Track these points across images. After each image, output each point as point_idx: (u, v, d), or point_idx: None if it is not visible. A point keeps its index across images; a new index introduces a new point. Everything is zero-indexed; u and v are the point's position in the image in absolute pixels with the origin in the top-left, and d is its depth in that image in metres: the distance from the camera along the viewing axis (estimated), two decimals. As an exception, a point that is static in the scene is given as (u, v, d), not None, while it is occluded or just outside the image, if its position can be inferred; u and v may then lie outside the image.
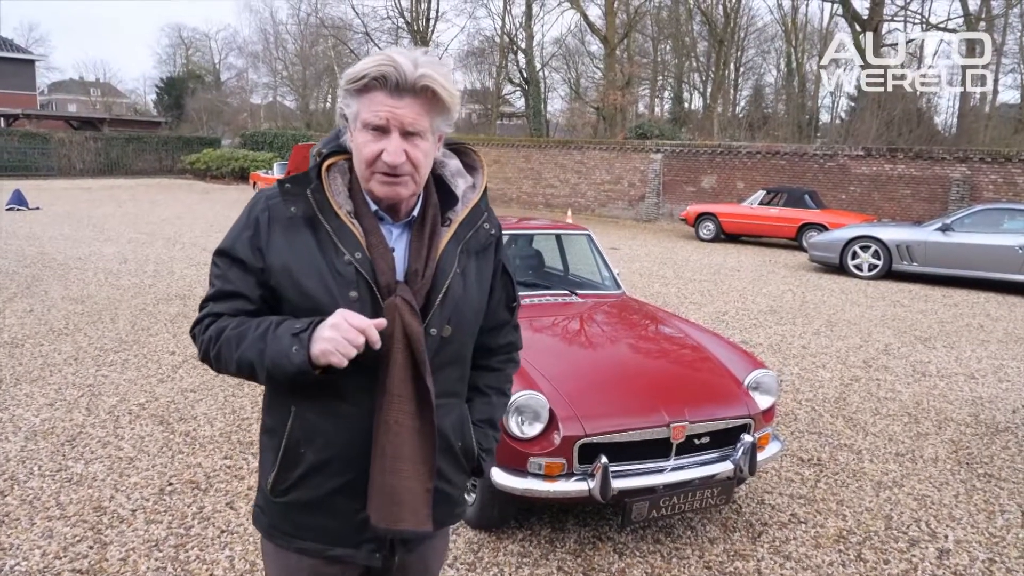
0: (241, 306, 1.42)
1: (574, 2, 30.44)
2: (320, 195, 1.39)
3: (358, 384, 1.38)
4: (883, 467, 4.28)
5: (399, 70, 1.30)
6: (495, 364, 1.68)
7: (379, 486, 1.38)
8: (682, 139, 23.27)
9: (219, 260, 1.45)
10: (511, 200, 23.98)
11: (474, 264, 1.51)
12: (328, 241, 1.37)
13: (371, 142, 1.34)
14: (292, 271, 1.37)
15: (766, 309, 8.79)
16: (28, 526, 3.32)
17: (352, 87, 1.34)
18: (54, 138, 29.54)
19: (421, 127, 1.35)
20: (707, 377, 3.44)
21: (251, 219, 1.42)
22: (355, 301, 1.35)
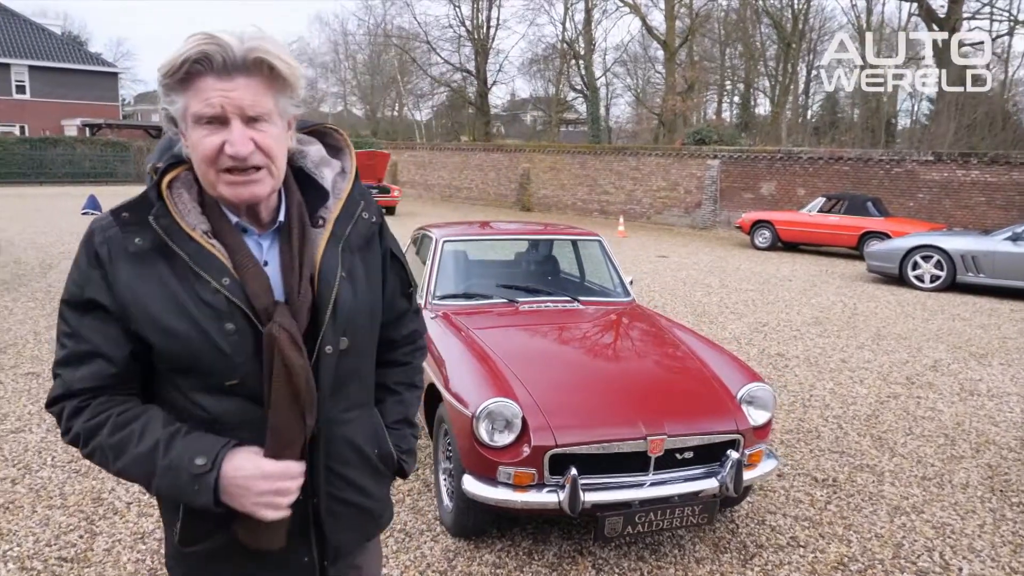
0: (100, 370, 1.22)
1: (634, 7, 30.12)
2: (166, 219, 1.20)
3: (246, 416, 1.24)
4: (904, 491, 4.01)
5: (223, 47, 1.12)
6: (401, 358, 1.56)
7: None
8: (741, 145, 22.69)
9: (67, 313, 1.23)
10: (566, 207, 23.87)
11: (359, 261, 1.35)
12: (187, 270, 1.19)
13: (208, 136, 1.15)
14: (149, 311, 1.19)
15: (810, 320, 8.43)
16: (29, 513, 3.45)
17: (173, 79, 1.14)
18: (133, 146, 31.01)
19: (264, 109, 1.17)
20: (695, 390, 3.29)
21: (91, 255, 1.21)
22: (232, 334, 1.19)
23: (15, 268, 10.13)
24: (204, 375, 1.21)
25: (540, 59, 39.61)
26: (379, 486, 1.47)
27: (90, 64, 39.09)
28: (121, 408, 1.23)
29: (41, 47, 37.57)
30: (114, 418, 1.21)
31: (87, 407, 1.22)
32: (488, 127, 36.85)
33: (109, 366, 1.22)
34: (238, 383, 1.22)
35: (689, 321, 8.15)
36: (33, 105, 36.65)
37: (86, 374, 1.21)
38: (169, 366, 1.23)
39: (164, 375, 1.26)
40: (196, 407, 1.24)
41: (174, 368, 1.23)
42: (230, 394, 1.22)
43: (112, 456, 1.21)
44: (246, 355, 1.20)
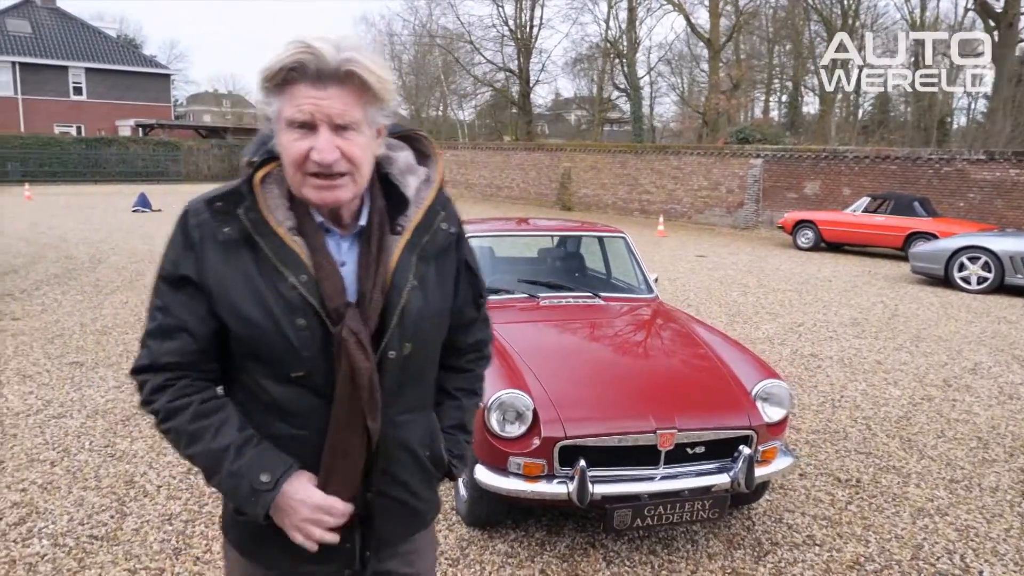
0: (185, 345, 1.28)
1: (677, 5, 29.83)
2: (255, 213, 1.25)
3: (313, 409, 1.30)
4: (930, 492, 3.94)
5: (318, 56, 1.16)
6: (465, 364, 1.58)
7: None
8: (785, 143, 22.29)
9: (161, 286, 1.29)
10: (607, 206, 23.77)
11: (433, 270, 1.38)
12: (268, 263, 1.24)
13: (297, 140, 1.19)
14: (230, 297, 1.25)
15: (848, 321, 8.28)
16: (66, 494, 3.61)
17: (270, 83, 1.19)
18: (184, 146, 31.93)
19: (352, 118, 1.20)
20: (708, 385, 3.29)
21: (185, 235, 1.27)
22: (303, 329, 1.24)
23: (66, 263, 10.54)
24: (272, 363, 1.27)
25: (584, 58, 39.53)
26: (427, 487, 1.49)
27: (144, 66, 40.38)
28: (203, 396, 1.30)
29: (97, 50, 38.93)
30: (195, 406, 1.28)
31: (171, 387, 1.28)
32: (530, 126, 36.89)
33: (193, 342, 1.28)
34: (304, 375, 1.27)
35: (722, 321, 8.08)
36: (89, 106, 38.01)
37: (172, 348, 1.28)
38: (242, 350, 1.29)
39: (238, 359, 1.32)
40: (264, 392, 1.30)
41: (246, 353, 1.29)
42: (295, 384, 1.28)
43: (186, 442, 1.28)
44: (313, 350, 1.25)
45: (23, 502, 3.51)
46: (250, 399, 1.32)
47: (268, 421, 1.31)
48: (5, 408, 4.73)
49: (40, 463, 3.94)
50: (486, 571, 3.07)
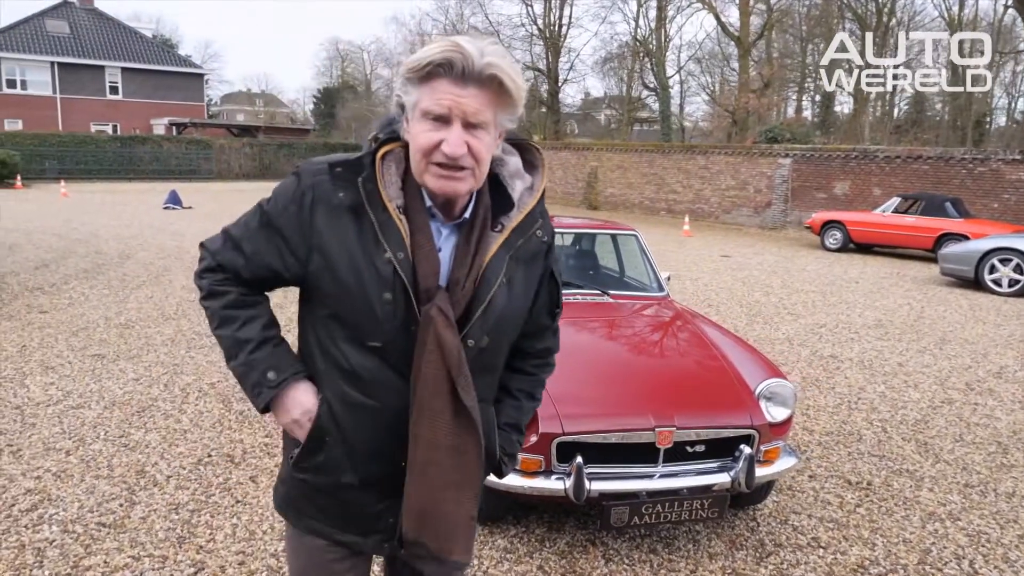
0: (237, 265, 1.40)
1: (707, 4, 29.55)
2: (371, 185, 1.32)
3: (385, 380, 1.35)
4: (943, 497, 3.86)
5: (466, 57, 1.23)
6: (529, 368, 1.64)
7: (411, 502, 1.36)
8: (815, 143, 21.98)
9: (261, 214, 1.39)
10: (633, 205, 23.66)
11: (522, 272, 1.43)
12: (370, 234, 1.31)
13: (430, 131, 1.27)
14: (330, 258, 1.32)
15: (872, 323, 8.13)
16: (78, 482, 3.69)
17: (415, 75, 1.27)
18: (216, 144, 32.46)
19: (484, 119, 1.27)
20: (710, 383, 3.26)
21: (297, 194, 1.35)
22: (388, 303, 1.30)
23: (96, 258, 10.78)
24: (355, 329, 1.33)
25: (613, 57, 39.33)
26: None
27: (178, 66, 41.14)
28: (244, 290, 1.43)
29: (133, 50, 39.75)
30: (234, 295, 1.41)
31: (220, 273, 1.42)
32: (558, 125, 36.80)
33: (242, 270, 1.40)
34: (380, 346, 1.33)
35: (742, 321, 7.99)
36: (125, 105, 38.83)
37: (228, 259, 1.41)
38: (326, 309, 1.36)
39: (320, 320, 1.38)
40: (341, 355, 1.36)
41: (333, 315, 1.35)
42: (371, 353, 1.34)
43: (216, 323, 1.42)
44: (394, 325, 1.31)
45: (37, 489, 3.59)
46: (328, 361, 1.38)
47: (339, 382, 1.37)
48: (27, 398, 4.85)
49: (56, 452, 4.04)
50: (484, 566, 3.07)
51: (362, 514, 1.44)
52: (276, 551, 3.11)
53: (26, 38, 36.95)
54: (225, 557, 3.05)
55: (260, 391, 1.37)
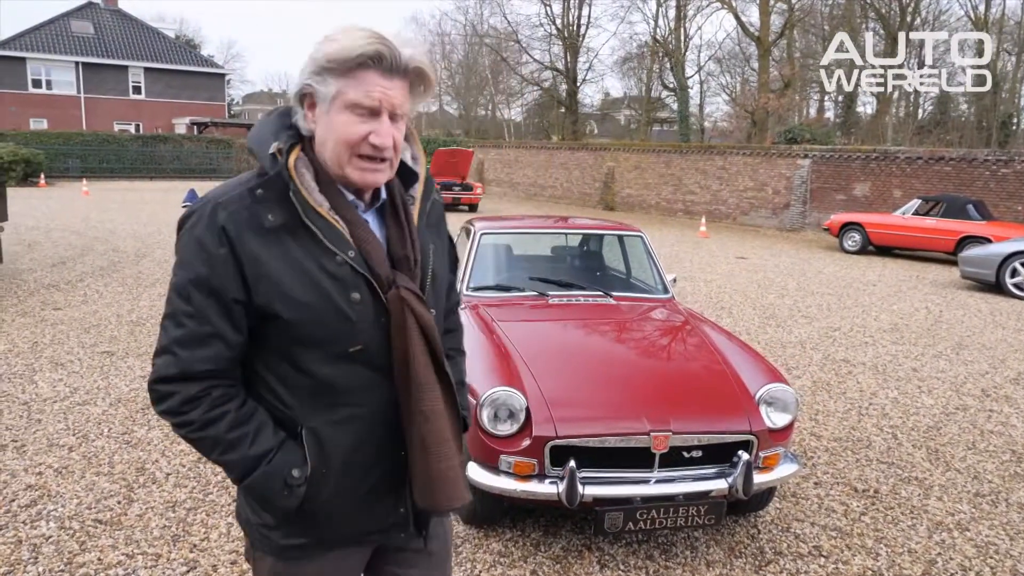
0: (219, 352, 1.27)
1: (726, 3, 29.30)
2: (299, 196, 1.26)
3: (365, 383, 1.33)
4: (951, 507, 3.76)
5: (392, 49, 1.23)
6: (451, 325, 1.68)
7: (428, 473, 1.35)
8: (834, 144, 21.71)
9: (191, 293, 1.25)
10: (650, 206, 23.51)
11: (436, 236, 1.47)
12: (313, 244, 1.27)
13: (356, 123, 1.25)
14: (280, 285, 1.25)
15: (887, 327, 8.00)
16: (79, 478, 3.71)
17: (340, 65, 1.23)
18: (235, 143, 32.69)
19: (405, 110, 1.30)
20: (709, 388, 3.20)
21: (217, 233, 1.24)
22: (358, 303, 1.28)
23: (112, 255, 10.89)
24: (328, 343, 1.28)
25: (633, 57, 39.16)
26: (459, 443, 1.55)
27: (200, 66, 41.55)
28: (237, 404, 1.31)
29: (156, 50, 40.21)
30: (232, 414, 1.29)
31: (207, 397, 1.28)
32: (576, 126, 36.70)
33: (227, 350, 1.28)
34: (361, 349, 1.30)
35: (755, 324, 7.90)
36: (147, 104, 39.28)
37: (208, 355, 1.26)
38: (293, 337, 1.28)
39: (277, 350, 1.31)
40: (311, 377, 1.30)
41: (297, 339, 1.28)
42: (351, 361, 1.30)
43: (221, 449, 1.30)
44: (369, 322, 1.30)
45: (37, 485, 3.62)
46: (295, 389, 1.32)
47: (320, 407, 1.32)
48: (35, 394, 4.90)
49: (59, 448, 4.06)
50: (477, 569, 3.04)
51: (379, 516, 1.43)
52: (269, 551, 3.09)
53: (51, 38, 37.49)
54: (218, 556, 3.05)
55: (290, 492, 1.31)
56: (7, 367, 5.45)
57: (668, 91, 36.73)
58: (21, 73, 36.34)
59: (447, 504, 1.38)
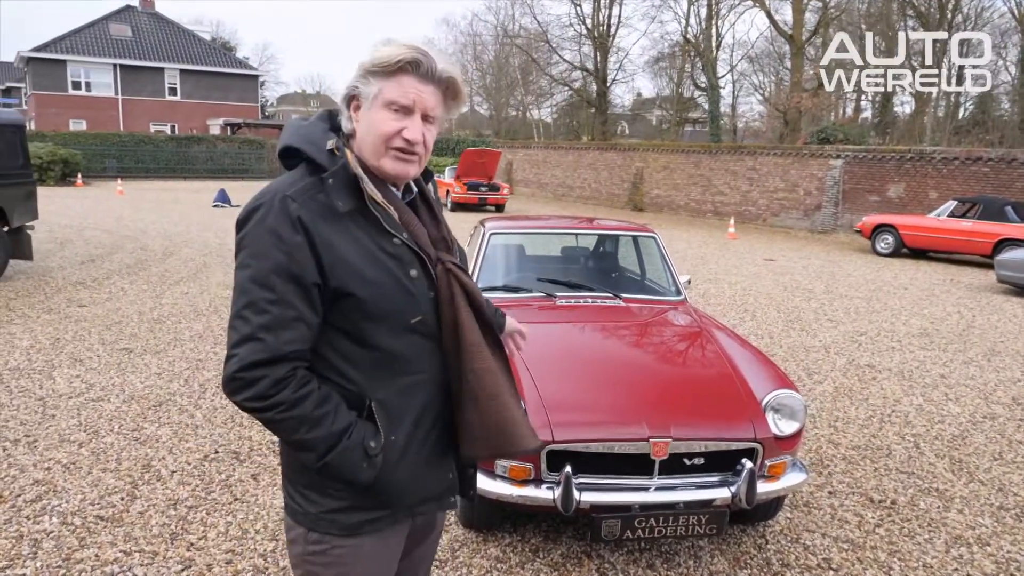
0: (303, 334, 1.36)
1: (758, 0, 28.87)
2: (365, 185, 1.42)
3: (424, 351, 1.47)
4: (973, 520, 3.62)
5: (429, 60, 1.41)
6: None
7: (480, 426, 1.48)
8: (868, 144, 21.26)
9: (273, 281, 1.33)
10: (678, 207, 23.26)
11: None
12: (374, 228, 1.42)
13: (392, 120, 1.41)
14: (351, 264, 1.37)
15: (917, 332, 7.77)
16: (85, 474, 3.74)
17: (383, 69, 1.40)
18: (268, 144, 33.09)
19: (436, 114, 1.46)
20: (713, 393, 3.10)
21: (292, 222, 1.34)
22: (416, 278, 1.45)
23: (140, 254, 11.06)
24: (394, 317, 1.42)
25: (665, 57, 38.81)
26: None
27: (234, 67, 42.18)
28: (317, 383, 1.40)
29: (191, 52, 40.91)
30: (316, 392, 1.38)
31: (293, 377, 1.35)
32: (605, 126, 36.45)
33: (309, 331, 1.38)
34: (421, 320, 1.45)
35: (778, 327, 7.73)
36: (183, 106, 39.99)
37: (294, 337, 1.35)
38: (362, 314, 1.40)
39: (343, 328, 1.41)
40: (376, 351, 1.43)
41: (367, 315, 1.40)
42: (412, 332, 1.45)
43: (308, 427, 1.36)
44: (424, 295, 1.46)
45: (44, 480, 3.65)
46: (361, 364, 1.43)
47: (388, 377, 1.45)
48: (51, 390, 4.96)
49: (69, 443, 4.10)
50: (472, 574, 2.99)
51: (436, 481, 1.55)
52: (265, 551, 3.08)
53: (91, 41, 38.36)
54: (214, 555, 3.04)
55: (368, 463, 1.41)
56: (28, 363, 5.54)
57: (700, 91, 36.33)
58: (61, 75, 37.23)
59: (510, 448, 1.51)
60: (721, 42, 34.03)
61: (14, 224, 8.62)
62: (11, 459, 3.88)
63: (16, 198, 8.62)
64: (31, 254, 9.04)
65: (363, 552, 1.51)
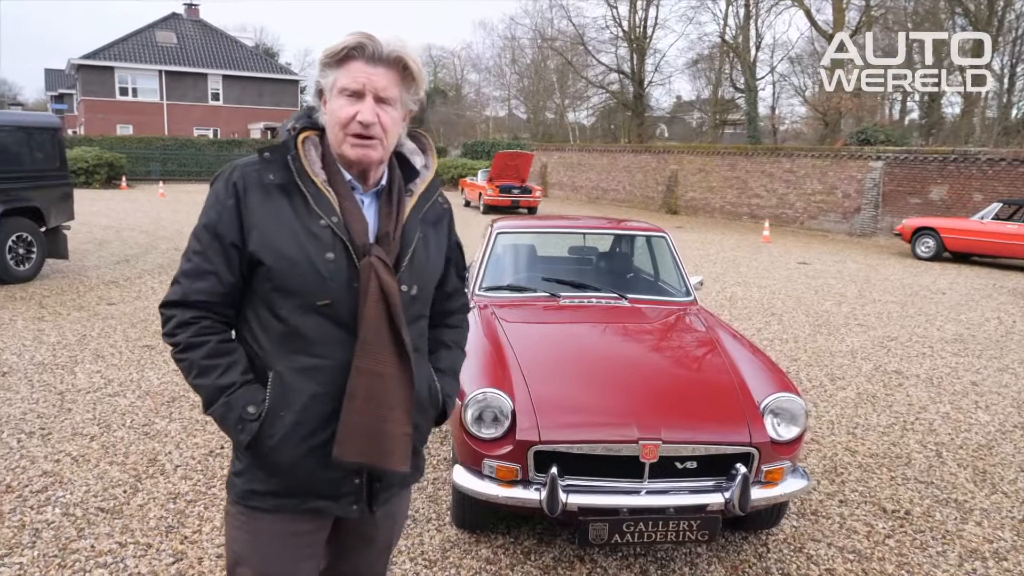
0: (213, 287, 1.48)
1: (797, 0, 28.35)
2: (298, 163, 1.49)
3: (330, 337, 1.48)
4: (991, 533, 3.46)
5: (374, 42, 1.45)
6: (455, 322, 1.85)
7: (348, 425, 1.47)
8: (911, 145, 20.69)
9: (202, 235, 1.49)
10: (714, 210, 22.93)
11: (432, 233, 1.66)
12: (304, 206, 1.47)
13: (346, 105, 1.46)
14: (269, 235, 1.45)
15: (951, 337, 7.51)
16: (92, 467, 3.81)
17: (332, 59, 1.46)
18: (306, 147, 33.60)
19: (392, 95, 1.48)
20: (710, 396, 3.02)
21: (229, 187, 1.48)
22: (331, 262, 1.46)
23: (174, 254, 11.29)
24: (300, 294, 1.46)
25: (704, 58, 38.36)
26: (424, 425, 1.68)
27: (275, 73, 42.99)
28: (220, 337, 1.51)
29: (234, 58, 41.80)
30: (212, 344, 1.49)
31: (195, 324, 1.49)
32: (641, 129, 36.15)
33: (220, 286, 1.49)
34: (328, 304, 1.46)
35: (805, 332, 7.54)
36: (225, 110, 40.86)
37: (203, 287, 1.49)
38: (272, 284, 1.47)
39: (262, 296, 1.50)
40: (284, 324, 1.48)
41: (276, 286, 1.47)
42: (318, 314, 1.47)
43: (196, 373, 1.49)
44: (339, 281, 1.46)
45: (52, 472, 3.72)
46: (275, 335, 1.50)
47: (288, 352, 1.49)
48: (71, 384, 5.07)
49: (81, 437, 4.18)
50: (461, 575, 2.95)
51: (330, 477, 1.53)
52: (256, 547, 3.08)
53: (138, 48, 39.45)
54: (206, 549, 3.05)
55: (243, 426, 1.47)
56: (52, 358, 5.68)
57: (738, 92, 35.81)
58: (109, 81, 38.36)
59: (379, 463, 1.50)
60: (761, 43, 33.53)
61: (51, 224, 8.87)
62: (24, 450, 3.97)
63: (53, 199, 8.88)
64: (67, 253, 9.30)
65: (259, 528, 1.56)
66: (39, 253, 8.75)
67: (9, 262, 8.33)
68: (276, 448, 1.48)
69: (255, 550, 1.57)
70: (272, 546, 1.56)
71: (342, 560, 1.76)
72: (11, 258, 8.35)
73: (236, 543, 1.60)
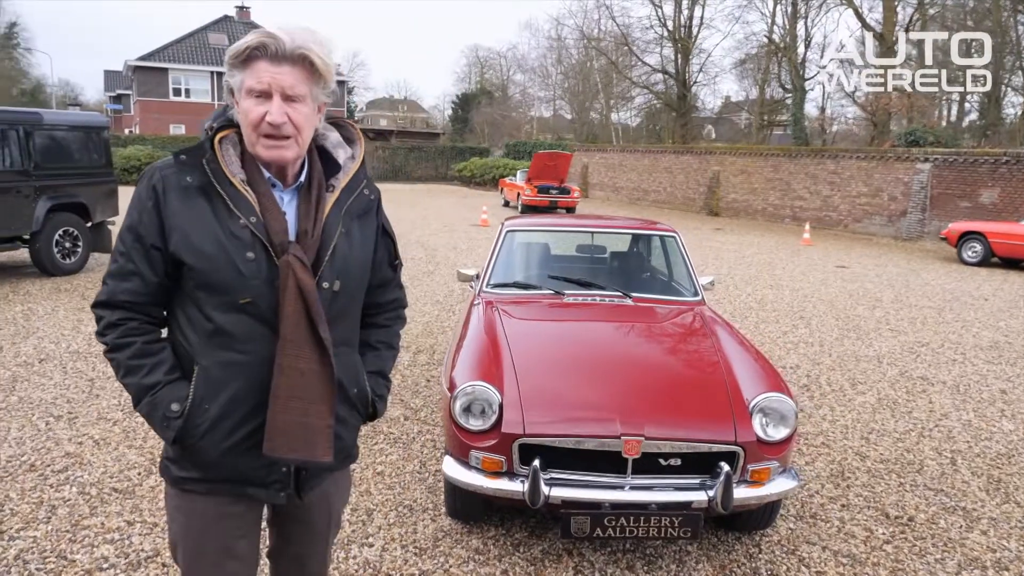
0: (137, 287, 1.53)
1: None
2: (215, 165, 1.51)
3: (253, 333, 1.52)
4: (996, 542, 3.38)
5: (277, 40, 1.44)
6: (383, 321, 1.85)
7: (275, 423, 1.51)
8: (960, 146, 20.05)
9: (125, 236, 1.53)
10: (755, 212, 22.57)
11: (357, 226, 1.65)
12: (223, 207, 1.49)
13: (255, 106, 1.46)
14: (190, 236, 1.48)
15: (987, 344, 7.29)
16: (112, 449, 3.99)
17: (236, 60, 1.47)
18: (352, 147, 34.08)
19: (300, 92, 1.48)
20: (698, 394, 3.03)
21: (149, 189, 1.51)
22: (252, 261, 1.49)
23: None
24: (222, 293, 1.49)
25: (752, 58, 37.73)
26: (352, 419, 1.73)
27: (323, 74, 43.76)
28: (146, 338, 1.56)
29: (284, 60, 42.70)
30: (138, 345, 1.54)
31: (122, 326, 1.54)
32: (685, 129, 35.75)
33: (144, 286, 1.53)
34: (250, 302, 1.50)
35: (832, 335, 7.41)
36: (275, 111, 41.78)
37: (128, 288, 1.53)
38: (195, 283, 1.50)
39: (188, 293, 1.53)
40: (210, 321, 1.51)
41: (199, 285, 1.50)
42: (241, 312, 1.50)
43: (123, 372, 1.55)
44: (259, 280, 1.49)
45: (74, 453, 3.91)
46: (200, 330, 1.53)
47: (214, 348, 1.52)
48: (102, 371, 5.30)
49: (105, 421, 4.37)
50: (449, 563, 3.02)
51: (258, 466, 1.57)
52: (255, 530, 3.20)
53: (191, 50, 40.64)
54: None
55: (168, 423, 1.52)
56: (87, 347, 5.93)
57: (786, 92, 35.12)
58: (163, 82, 39.60)
59: (304, 456, 1.54)
60: (810, 42, 32.84)
61: (96, 220, 9.24)
62: (51, 432, 4.17)
63: (98, 195, 9.24)
64: (111, 248, 9.66)
65: (194, 509, 1.62)
66: (84, 247, 9.12)
67: (56, 255, 8.71)
68: (203, 440, 1.53)
69: (191, 528, 1.64)
70: (207, 525, 1.62)
71: (284, 542, 1.83)
72: (57, 251, 8.73)
73: (174, 522, 1.67)
